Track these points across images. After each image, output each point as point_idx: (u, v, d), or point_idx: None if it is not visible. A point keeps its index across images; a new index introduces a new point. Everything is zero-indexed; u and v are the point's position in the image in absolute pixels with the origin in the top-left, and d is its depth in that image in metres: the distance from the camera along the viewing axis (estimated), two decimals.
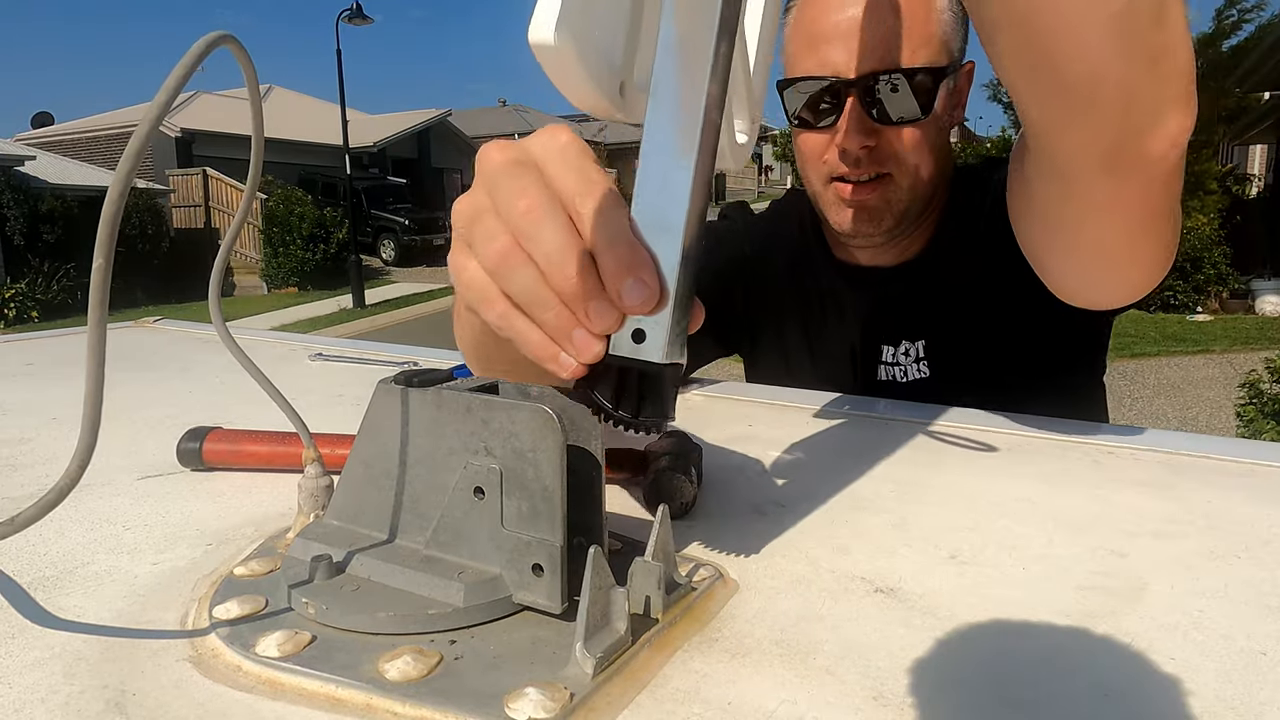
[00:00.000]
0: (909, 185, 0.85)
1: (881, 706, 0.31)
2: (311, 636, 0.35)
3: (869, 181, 0.85)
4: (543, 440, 0.35)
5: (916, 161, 0.84)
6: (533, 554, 0.36)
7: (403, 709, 0.31)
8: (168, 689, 0.33)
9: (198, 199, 16.42)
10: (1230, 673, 0.34)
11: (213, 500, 0.55)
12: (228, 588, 0.40)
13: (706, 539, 0.48)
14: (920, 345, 0.92)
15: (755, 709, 0.31)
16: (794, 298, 1.01)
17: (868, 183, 0.85)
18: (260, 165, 0.44)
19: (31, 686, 0.33)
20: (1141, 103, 0.45)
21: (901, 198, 0.86)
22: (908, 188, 0.85)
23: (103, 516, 0.52)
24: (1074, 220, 0.58)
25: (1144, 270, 0.64)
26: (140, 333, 1.31)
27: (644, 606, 0.37)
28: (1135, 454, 0.64)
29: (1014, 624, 0.38)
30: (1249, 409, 3.57)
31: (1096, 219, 0.56)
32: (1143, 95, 0.45)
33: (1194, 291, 9.30)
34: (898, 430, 0.71)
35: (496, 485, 0.37)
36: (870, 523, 0.50)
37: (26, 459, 0.64)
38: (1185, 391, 6.06)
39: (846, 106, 0.81)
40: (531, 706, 0.30)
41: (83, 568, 0.44)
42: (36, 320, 11.52)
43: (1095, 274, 0.65)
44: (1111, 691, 0.32)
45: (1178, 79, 0.45)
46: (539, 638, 0.36)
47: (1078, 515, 0.51)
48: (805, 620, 0.38)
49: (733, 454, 0.64)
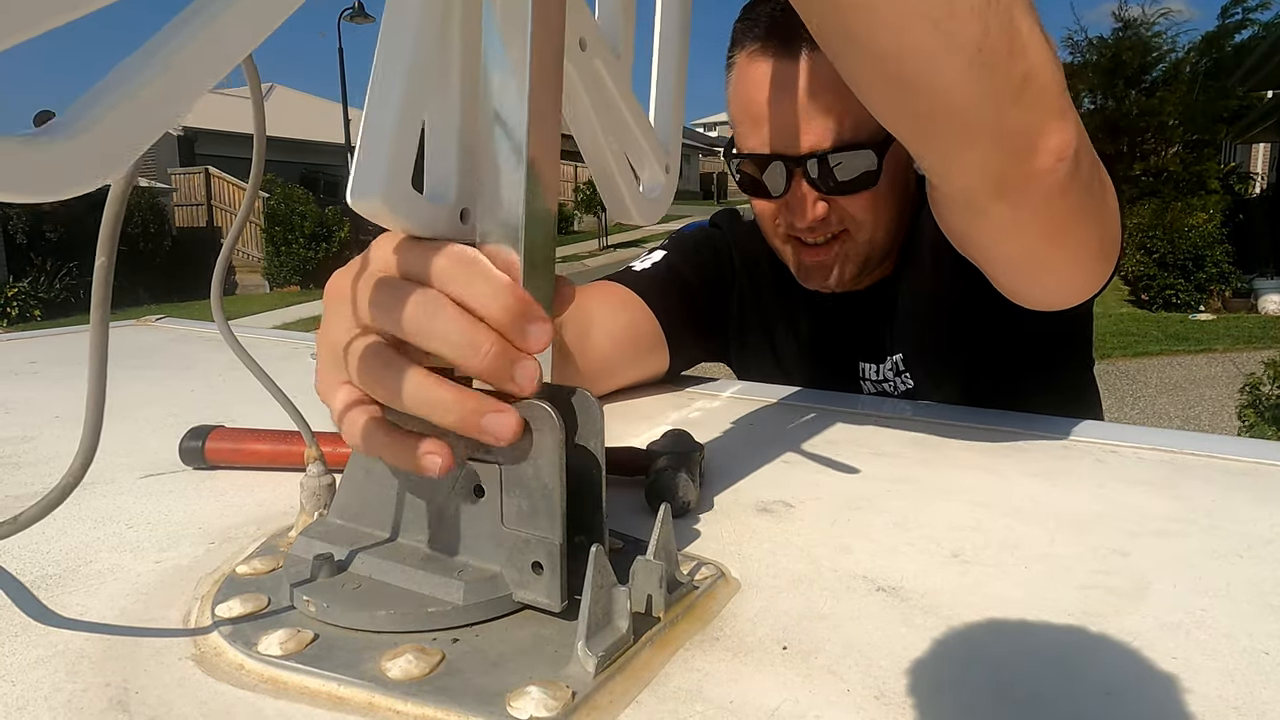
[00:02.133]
0: (866, 240, 0.85)
1: (883, 705, 0.31)
2: (314, 635, 0.35)
3: (825, 242, 0.84)
4: (542, 438, 0.35)
5: (872, 220, 0.83)
6: (532, 552, 0.36)
7: (405, 707, 0.31)
8: (170, 687, 0.33)
9: (200, 197, 16.42)
10: (1233, 672, 0.34)
11: (215, 499, 0.55)
12: (230, 586, 0.40)
13: (708, 538, 0.48)
14: (899, 359, 0.93)
15: (757, 708, 0.31)
16: (780, 311, 1.01)
17: (824, 244, 0.84)
18: (262, 164, 0.44)
19: (35, 684, 0.33)
20: (1015, 130, 0.46)
21: (860, 251, 0.85)
22: (865, 242, 0.85)
23: (105, 515, 0.52)
24: (985, 241, 0.60)
25: (1071, 276, 0.65)
26: (142, 331, 1.31)
27: (646, 605, 0.37)
28: (1138, 453, 0.64)
29: (1016, 623, 0.38)
30: (1249, 412, 3.56)
31: (1004, 238, 0.58)
32: (1015, 123, 0.46)
33: (1196, 290, 9.28)
34: (899, 429, 0.71)
35: (496, 484, 0.37)
36: (872, 521, 0.50)
37: (29, 457, 0.64)
38: (1188, 391, 6.05)
39: (794, 182, 0.80)
40: (533, 705, 0.30)
41: (85, 566, 0.44)
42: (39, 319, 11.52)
43: (1023, 284, 0.66)
44: (1114, 691, 0.32)
45: (1048, 98, 0.45)
46: (541, 636, 0.36)
47: (1080, 514, 0.51)
48: (807, 619, 0.38)
49: (734, 452, 0.64)
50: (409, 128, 0.33)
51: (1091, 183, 0.54)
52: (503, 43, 0.34)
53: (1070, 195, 0.51)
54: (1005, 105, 0.45)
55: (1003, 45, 0.42)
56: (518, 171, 0.35)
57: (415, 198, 0.35)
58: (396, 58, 0.33)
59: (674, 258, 0.97)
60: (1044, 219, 0.54)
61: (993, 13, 0.41)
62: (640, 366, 0.87)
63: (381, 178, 0.33)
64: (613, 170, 0.47)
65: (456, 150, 0.37)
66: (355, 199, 0.33)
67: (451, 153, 0.36)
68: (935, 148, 0.50)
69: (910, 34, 0.41)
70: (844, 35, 0.43)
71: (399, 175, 0.33)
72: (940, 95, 0.44)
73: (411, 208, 0.35)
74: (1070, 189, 0.50)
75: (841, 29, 0.43)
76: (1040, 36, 0.44)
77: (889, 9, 0.40)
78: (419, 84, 0.34)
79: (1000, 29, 0.41)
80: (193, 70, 0.25)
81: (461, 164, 0.37)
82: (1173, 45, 11.70)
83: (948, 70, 0.42)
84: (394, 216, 0.34)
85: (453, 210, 0.37)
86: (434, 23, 0.34)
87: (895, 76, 0.43)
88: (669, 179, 0.51)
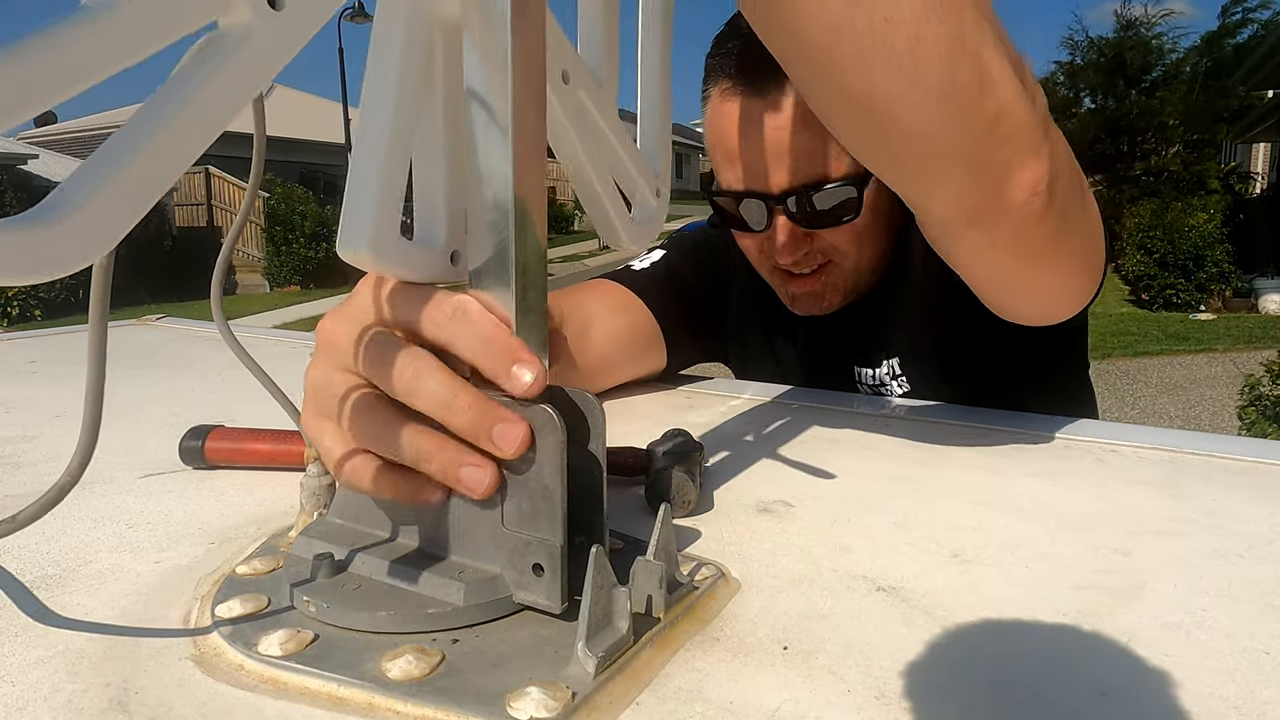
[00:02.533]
0: (853, 268, 0.84)
1: (884, 706, 0.31)
2: (314, 635, 0.35)
3: (812, 273, 0.84)
4: (543, 439, 0.35)
5: (856, 250, 0.83)
6: (533, 553, 0.36)
7: (405, 708, 0.31)
8: (170, 687, 0.33)
9: (200, 197, 16.43)
10: (1233, 672, 0.34)
11: (215, 499, 0.55)
12: (230, 586, 0.40)
13: (708, 538, 0.47)
14: (894, 363, 0.92)
15: (757, 708, 0.31)
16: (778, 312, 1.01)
17: (811, 274, 0.84)
18: (262, 163, 0.44)
19: (34, 685, 0.33)
20: (988, 166, 0.46)
21: (846, 279, 0.85)
22: (851, 269, 0.84)
23: (105, 515, 0.52)
24: (964, 261, 0.60)
25: (1054, 295, 0.65)
26: (142, 331, 1.31)
27: (646, 605, 0.37)
28: (1138, 452, 0.64)
29: (1016, 623, 0.38)
30: (1250, 411, 3.56)
31: (983, 261, 0.58)
32: (987, 159, 0.46)
33: (1197, 290, 9.29)
34: (900, 429, 0.71)
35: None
36: (872, 521, 0.50)
37: (28, 457, 0.64)
38: (1188, 390, 6.05)
39: (774, 219, 0.79)
40: (533, 705, 0.30)
41: (85, 566, 0.44)
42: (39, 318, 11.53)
43: (1007, 301, 0.66)
44: (1114, 691, 0.32)
45: (1020, 134, 0.45)
46: (541, 637, 0.36)
47: (1080, 514, 0.51)
48: (807, 619, 0.38)
49: (735, 452, 0.64)
50: (395, 174, 0.34)
51: (1069, 208, 0.54)
52: (484, 82, 0.35)
53: (1047, 223, 0.51)
54: (977, 143, 0.44)
55: (972, 85, 0.42)
56: (506, 210, 0.35)
57: (404, 244, 0.35)
58: (381, 105, 0.33)
59: (673, 257, 0.97)
60: (1021, 245, 0.54)
61: (961, 57, 0.41)
62: (637, 365, 0.87)
63: (369, 227, 0.33)
64: (602, 198, 0.47)
65: (444, 193, 0.37)
66: (344, 250, 0.33)
67: (439, 196, 0.37)
68: (908, 183, 0.50)
69: (877, 79, 0.40)
70: (811, 76, 0.43)
71: (387, 223, 0.34)
72: (910, 136, 0.44)
73: (401, 255, 0.35)
74: (1046, 217, 0.50)
75: (808, 69, 0.43)
76: (1010, 74, 0.43)
77: (854, 56, 0.40)
78: (404, 129, 0.34)
79: (969, 70, 0.41)
80: (176, 147, 0.25)
81: (449, 207, 0.37)
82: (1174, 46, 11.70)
83: (917, 113, 0.42)
84: (384, 265, 0.35)
85: (443, 253, 0.37)
86: (417, 66, 0.34)
87: (864, 117, 0.44)
88: (660, 202, 0.51)
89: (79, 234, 0.23)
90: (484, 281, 0.36)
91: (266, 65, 0.27)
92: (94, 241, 0.24)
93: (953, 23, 0.40)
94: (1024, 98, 0.44)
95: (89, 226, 0.24)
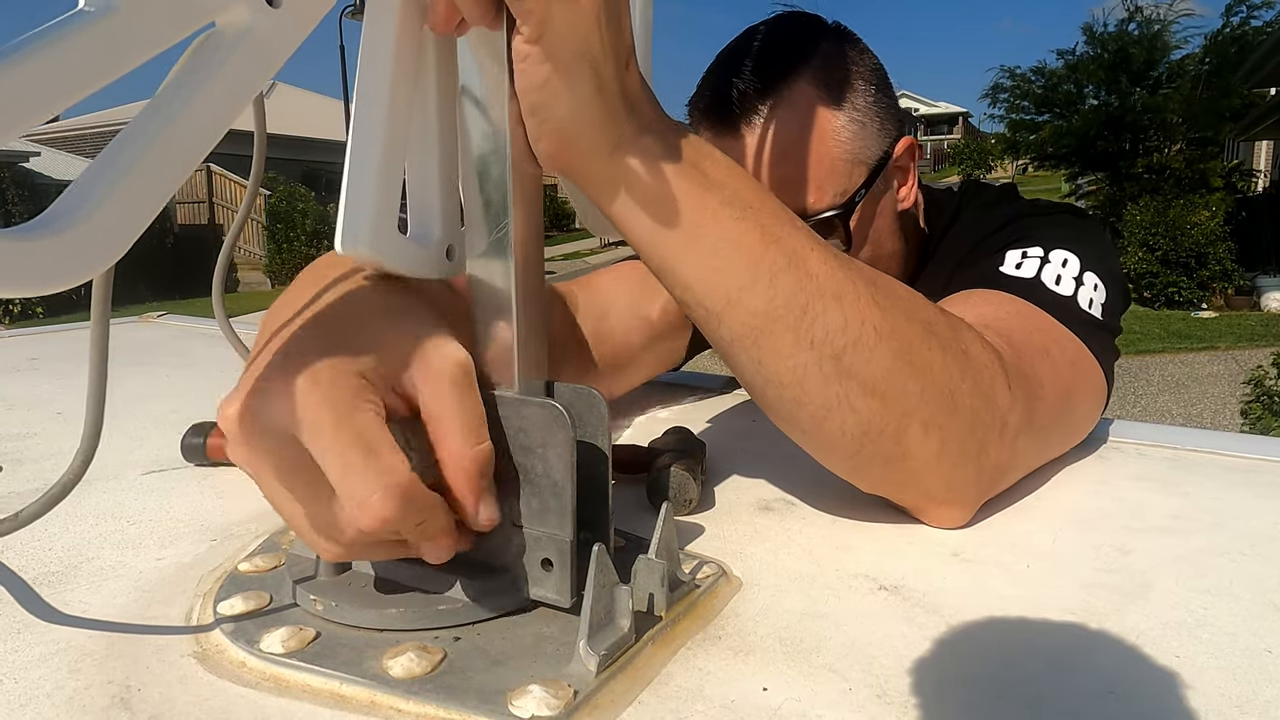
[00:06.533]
0: None
1: (885, 704, 0.31)
2: (316, 633, 0.35)
3: None
4: (553, 436, 0.35)
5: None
6: (542, 549, 0.36)
7: (406, 705, 0.31)
8: (172, 684, 0.33)
9: (201, 195, 16.42)
10: (1235, 670, 0.34)
11: (217, 495, 0.55)
12: (232, 583, 0.40)
13: (710, 536, 0.47)
14: None
15: (759, 706, 0.31)
16: None
17: None
18: (263, 161, 0.44)
19: (37, 682, 0.33)
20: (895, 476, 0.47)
21: None
22: None
23: (107, 512, 0.52)
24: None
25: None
26: (144, 328, 1.31)
27: (647, 604, 0.37)
28: (1140, 450, 0.64)
29: (1017, 621, 0.38)
30: (1255, 406, 3.55)
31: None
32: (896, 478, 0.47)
33: (1199, 288, 9.26)
34: None
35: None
36: (874, 520, 0.50)
37: (31, 454, 0.64)
38: (1190, 388, 6.04)
39: None
40: (535, 704, 0.30)
41: (87, 563, 0.44)
42: (41, 316, 11.52)
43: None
44: (1115, 689, 0.32)
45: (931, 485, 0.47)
46: (543, 635, 0.36)
47: (1082, 512, 0.51)
48: (809, 618, 0.38)
49: (736, 451, 0.64)
50: (392, 171, 0.34)
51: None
52: (480, 73, 0.35)
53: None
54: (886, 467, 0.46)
55: (889, 440, 0.44)
56: (502, 200, 0.35)
57: (402, 240, 0.36)
58: (375, 100, 0.33)
59: None
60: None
61: (878, 437, 0.44)
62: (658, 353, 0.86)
63: (368, 224, 0.33)
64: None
65: (438, 189, 0.37)
66: (344, 247, 0.33)
67: (434, 192, 0.37)
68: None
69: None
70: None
71: (385, 220, 0.34)
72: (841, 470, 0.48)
73: (399, 251, 0.35)
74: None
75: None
76: (923, 437, 0.44)
77: (755, 345, 0.42)
78: (399, 126, 0.34)
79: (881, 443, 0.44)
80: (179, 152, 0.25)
81: (444, 202, 0.37)
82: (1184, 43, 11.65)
83: (836, 458, 0.47)
84: (382, 261, 0.35)
85: (438, 248, 0.37)
86: (409, 62, 0.34)
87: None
88: None
89: (85, 245, 0.23)
90: (483, 271, 0.36)
91: (266, 63, 0.27)
92: (100, 252, 0.24)
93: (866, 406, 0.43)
94: (938, 452, 0.45)
95: (95, 237, 0.23)
